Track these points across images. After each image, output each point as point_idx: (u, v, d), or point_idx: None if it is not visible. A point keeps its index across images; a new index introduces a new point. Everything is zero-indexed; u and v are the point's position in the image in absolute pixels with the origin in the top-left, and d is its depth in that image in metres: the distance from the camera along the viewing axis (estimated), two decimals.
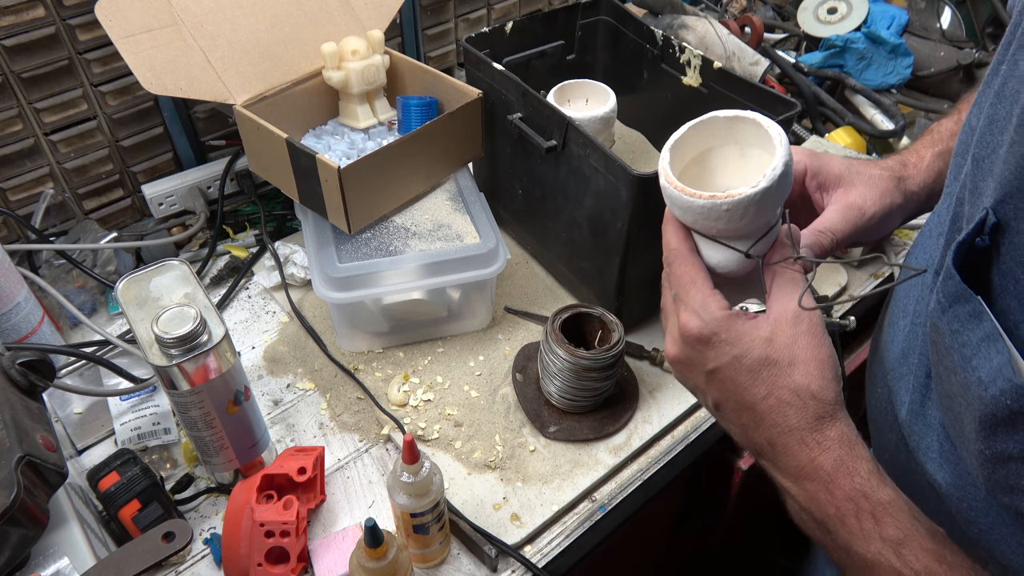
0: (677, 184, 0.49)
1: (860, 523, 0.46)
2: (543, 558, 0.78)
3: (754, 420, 0.50)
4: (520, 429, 0.87)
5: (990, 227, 0.42)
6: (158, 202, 1.07)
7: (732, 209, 0.47)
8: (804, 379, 0.48)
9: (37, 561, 0.60)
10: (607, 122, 1.00)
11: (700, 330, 0.49)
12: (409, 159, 0.91)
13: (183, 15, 0.91)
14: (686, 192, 0.48)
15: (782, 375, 0.48)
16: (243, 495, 0.72)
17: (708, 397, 0.53)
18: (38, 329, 0.88)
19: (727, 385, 0.50)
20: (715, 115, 0.52)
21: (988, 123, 0.46)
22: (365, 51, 0.98)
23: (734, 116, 0.51)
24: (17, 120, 0.95)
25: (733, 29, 1.29)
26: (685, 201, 0.49)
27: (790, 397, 0.48)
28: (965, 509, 0.52)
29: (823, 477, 0.47)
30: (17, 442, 0.58)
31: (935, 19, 1.37)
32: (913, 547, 0.45)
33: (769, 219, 0.50)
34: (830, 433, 0.48)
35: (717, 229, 0.50)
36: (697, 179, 0.54)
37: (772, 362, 0.48)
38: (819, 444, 0.48)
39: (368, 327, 0.94)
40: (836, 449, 0.47)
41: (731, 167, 0.54)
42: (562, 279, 1.05)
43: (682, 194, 0.48)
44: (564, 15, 1.07)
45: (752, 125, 0.51)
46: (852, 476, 0.47)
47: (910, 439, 0.58)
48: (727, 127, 0.52)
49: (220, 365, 0.70)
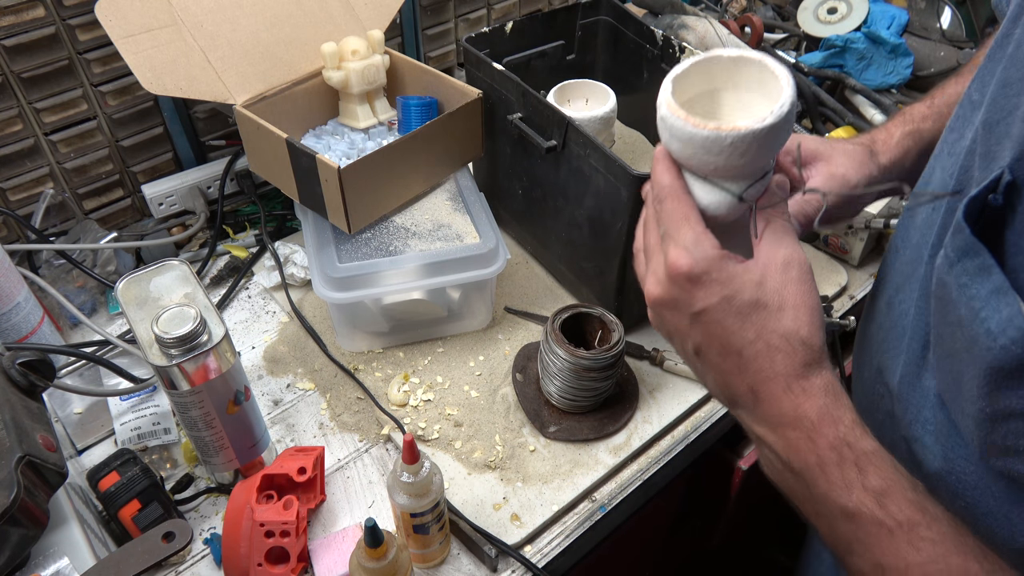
0: (680, 112, 0.46)
1: (843, 472, 0.45)
2: (543, 558, 0.78)
3: (738, 366, 0.48)
4: (520, 429, 0.87)
5: (1004, 185, 0.42)
6: (158, 202, 1.07)
7: (735, 143, 0.45)
8: (794, 324, 0.47)
9: (37, 561, 0.60)
10: (607, 122, 1.00)
11: (691, 268, 0.47)
12: (409, 159, 0.91)
13: (183, 15, 0.91)
14: (690, 121, 0.46)
15: (772, 319, 0.47)
16: (243, 495, 0.72)
17: (689, 341, 0.51)
18: (38, 329, 0.88)
19: (713, 328, 0.48)
20: (719, 53, 0.50)
21: (1001, 87, 0.46)
22: (365, 51, 0.98)
23: (738, 56, 0.49)
24: (17, 120, 0.95)
25: (733, 29, 1.29)
26: (687, 131, 0.46)
27: (779, 342, 0.47)
28: (954, 483, 0.52)
29: (806, 425, 0.46)
30: (17, 442, 0.58)
31: (935, 19, 1.37)
32: (896, 497, 0.44)
33: (767, 161, 0.49)
34: (816, 381, 0.47)
35: (715, 166, 0.47)
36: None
37: (762, 305, 0.47)
38: (804, 391, 0.47)
39: (368, 327, 0.94)
40: (821, 397, 0.47)
41: (728, 111, 0.52)
42: (562, 279, 1.05)
43: (686, 123, 0.46)
44: (564, 15, 1.07)
45: (756, 66, 0.49)
46: (836, 425, 0.46)
47: (904, 414, 0.57)
48: (730, 68, 0.50)
49: (220, 365, 0.70)
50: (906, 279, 0.59)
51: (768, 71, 0.48)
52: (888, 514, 0.44)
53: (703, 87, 0.51)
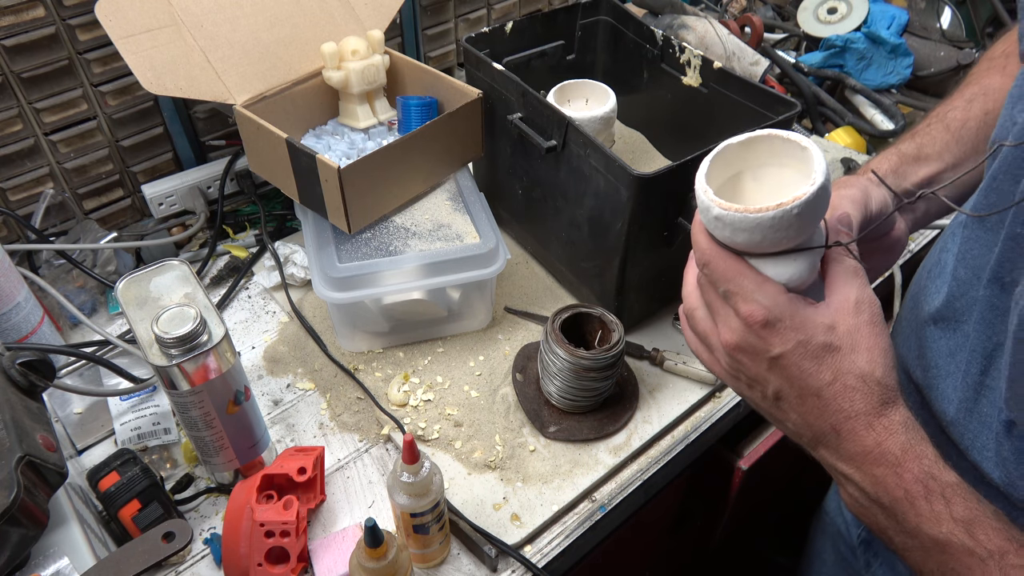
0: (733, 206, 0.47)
1: (931, 505, 0.47)
2: (543, 558, 0.78)
3: (818, 407, 0.50)
4: (520, 429, 0.87)
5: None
6: (158, 202, 1.07)
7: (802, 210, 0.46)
8: (868, 365, 0.48)
9: (37, 561, 0.60)
10: (607, 122, 1.00)
11: (766, 316, 0.48)
12: (409, 159, 0.91)
13: (183, 15, 0.91)
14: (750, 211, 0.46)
15: (846, 361, 0.48)
16: (243, 495, 0.72)
17: (770, 386, 0.52)
18: (38, 329, 0.88)
19: (791, 371, 0.50)
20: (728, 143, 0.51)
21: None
22: (365, 51, 0.98)
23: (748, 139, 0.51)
24: (17, 120, 0.95)
25: (733, 29, 1.29)
26: (749, 221, 0.47)
27: (856, 382, 0.48)
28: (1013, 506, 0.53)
29: (891, 461, 0.48)
30: (17, 442, 0.58)
31: (935, 19, 1.37)
32: (983, 526, 0.46)
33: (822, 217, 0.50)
34: (895, 418, 0.48)
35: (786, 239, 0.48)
36: None
37: (835, 348, 0.48)
38: (885, 428, 0.48)
39: (368, 327, 0.94)
40: (902, 433, 0.48)
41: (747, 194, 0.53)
42: (562, 279, 1.05)
43: (745, 215, 0.46)
44: (564, 15, 1.07)
45: (765, 142, 0.50)
46: (920, 459, 0.47)
47: (962, 439, 0.58)
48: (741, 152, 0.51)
49: (220, 365, 0.70)
50: (955, 299, 0.59)
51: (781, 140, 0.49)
52: (978, 543, 0.46)
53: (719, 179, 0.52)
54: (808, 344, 0.49)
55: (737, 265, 0.50)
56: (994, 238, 0.55)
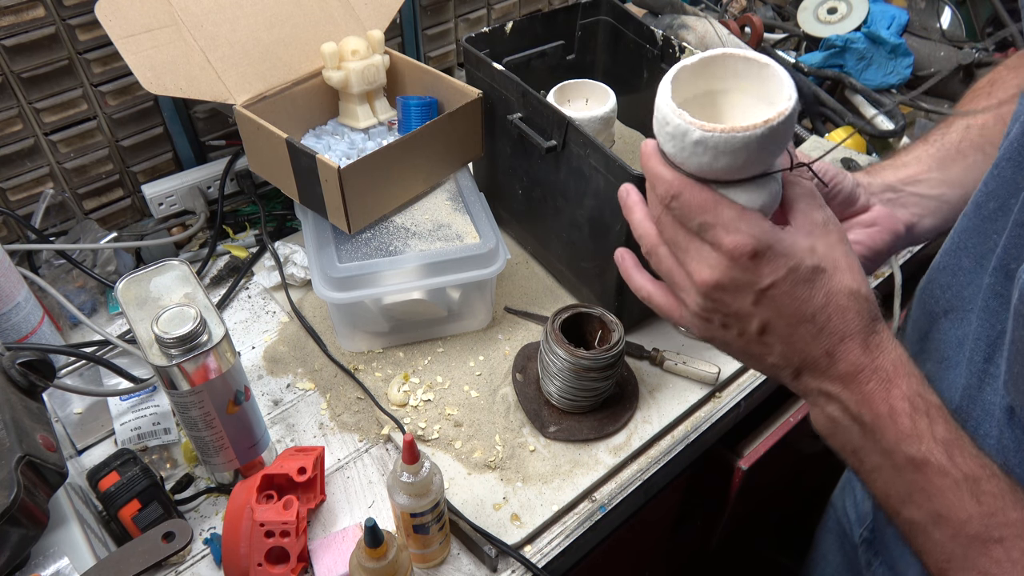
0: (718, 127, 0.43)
1: (914, 422, 0.46)
2: (543, 558, 0.78)
3: (811, 333, 0.48)
4: (520, 429, 0.87)
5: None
6: (158, 202, 1.07)
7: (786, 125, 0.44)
8: (854, 282, 0.48)
9: (37, 561, 0.60)
10: (607, 122, 1.00)
11: (755, 245, 0.46)
12: (409, 159, 0.91)
13: (183, 15, 0.91)
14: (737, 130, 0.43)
15: (834, 280, 0.47)
16: (243, 495, 0.72)
17: (753, 322, 0.49)
18: (38, 329, 0.88)
19: (782, 300, 0.47)
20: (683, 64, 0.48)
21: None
22: (365, 51, 0.98)
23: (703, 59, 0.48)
24: (17, 120, 0.95)
25: (733, 29, 1.29)
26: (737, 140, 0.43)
27: (847, 301, 0.48)
28: None
29: (883, 377, 0.47)
30: (17, 442, 0.58)
31: (935, 19, 1.37)
32: (961, 449, 0.46)
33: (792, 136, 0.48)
34: (884, 335, 0.48)
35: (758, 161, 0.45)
36: None
37: (822, 269, 0.47)
38: (878, 346, 0.48)
39: (368, 327, 0.94)
40: (892, 350, 0.48)
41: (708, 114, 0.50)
42: (562, 279, 1.05)
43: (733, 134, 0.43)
44: (564, 15, 1.07)
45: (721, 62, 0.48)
46: (909, 377, 0.47)
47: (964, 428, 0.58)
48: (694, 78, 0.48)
49: (220, 365, 0.70)
50: (962, 288, 0.59)
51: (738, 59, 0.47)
52: (955, 465, 0.45)
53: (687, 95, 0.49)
54: (798, 269, 0.47)
55: (713, 195, 0.46)
56: (998, 227, 0.54)
